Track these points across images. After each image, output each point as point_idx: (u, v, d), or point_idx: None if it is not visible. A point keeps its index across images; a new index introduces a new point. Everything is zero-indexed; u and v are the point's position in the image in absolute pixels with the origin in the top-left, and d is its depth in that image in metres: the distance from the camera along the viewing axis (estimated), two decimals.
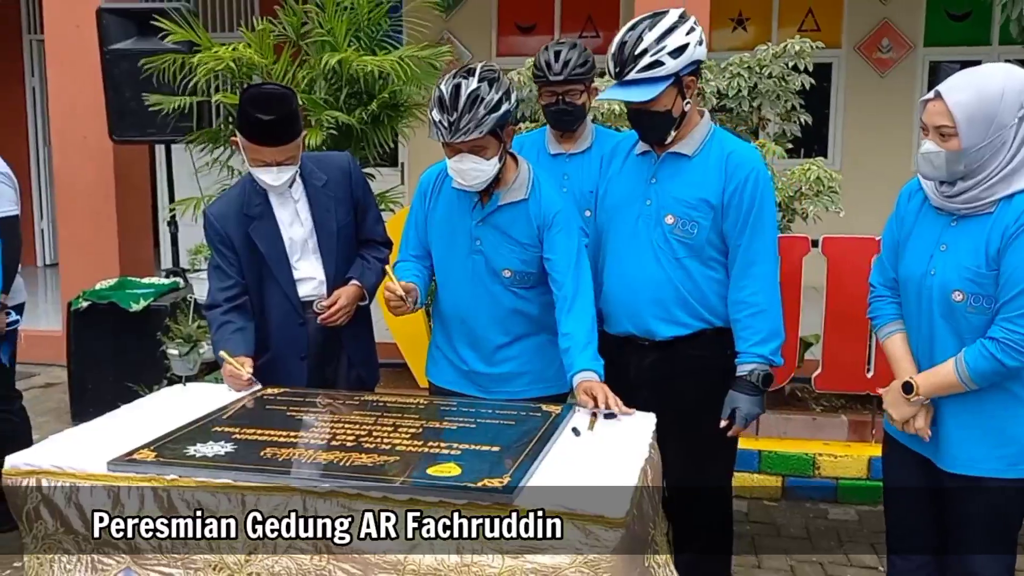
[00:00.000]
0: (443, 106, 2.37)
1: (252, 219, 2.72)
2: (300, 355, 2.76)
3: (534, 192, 2.55)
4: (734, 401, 2.48)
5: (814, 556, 3.59)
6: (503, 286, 2.57)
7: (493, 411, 2.33)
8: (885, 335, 2.40)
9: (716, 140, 2.52)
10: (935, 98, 2.14)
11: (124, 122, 5.33)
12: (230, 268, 2.74)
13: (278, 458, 1.97)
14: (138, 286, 5.27)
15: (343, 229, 2.80)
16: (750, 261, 2.47)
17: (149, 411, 2.37)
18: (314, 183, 2.76)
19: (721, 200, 2.45)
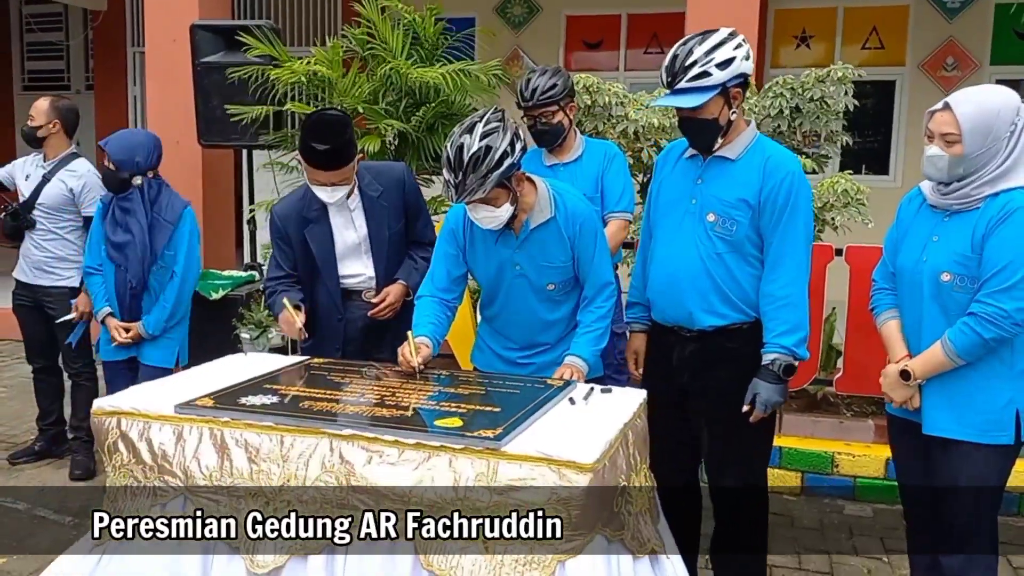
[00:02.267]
0: (449, 166, 2.56)
1: (309, 222, 3.15)
2: (336, 346, 3.19)
3: (559, 208, 2.77)
4: (756, 388, 2.66)
5: (823, 546, 3.80)
6: (547, 299, 2.84)
7: (504, 381, 2.66)
8: (882, 321, 2.74)
9: (759, 145, 2.70)
10: (943, 109, 2.48)
11: (211, 128, 5.84)
12: (285, 262, 3.19)
13: (313, 408, 2.34)
14: (218, 277, 5.76)
15: (394, 235, 3.20)
16: (780, 257, 2.65)
17: (214, 372, 2.77)
18: (370, 194, 3.16)
19: (758, 199, 2.63)
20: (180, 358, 4.03)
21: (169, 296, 3.88)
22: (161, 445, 2.34)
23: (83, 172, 4.42)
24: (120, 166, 3.80)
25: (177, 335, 4.01)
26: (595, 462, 2.04)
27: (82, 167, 4.45)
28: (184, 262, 3.89)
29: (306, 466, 2.21)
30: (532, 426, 2.25)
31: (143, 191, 3.84)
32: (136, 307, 3.92)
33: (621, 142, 4.79)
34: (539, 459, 2.06)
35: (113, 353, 3.97)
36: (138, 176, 3.83)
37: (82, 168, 4.45)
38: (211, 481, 2.28)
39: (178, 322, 3.98)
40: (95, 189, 4.34)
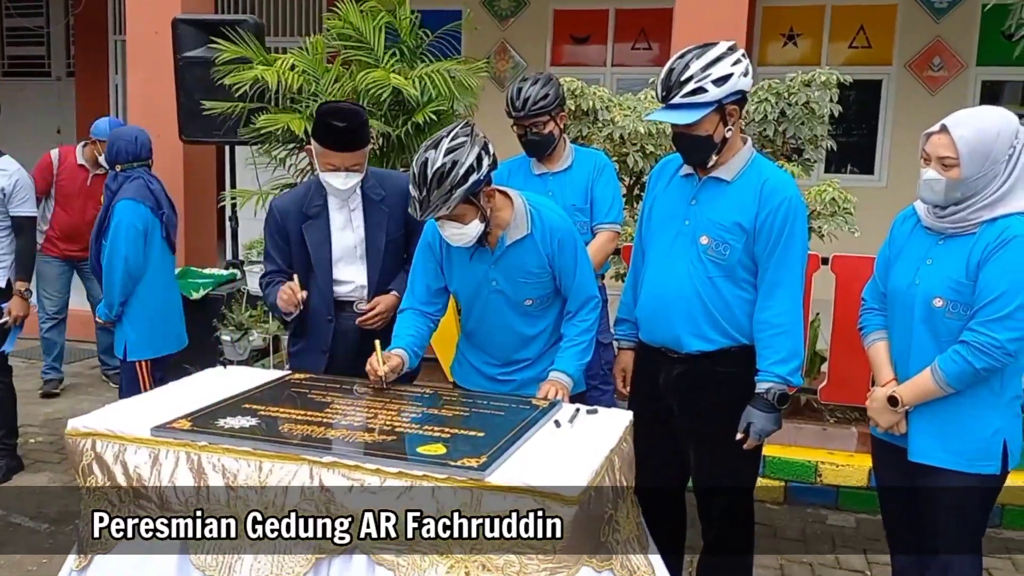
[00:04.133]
0: (414, 182, 2.51)
1: (309, 218, 3.08)
2: (323, 348, 3.11)
3: (535, 223, 2.71)
4: (749, 416, 2.61)
5: (805, 557, 3.80)
6: (524, 315, 2.79)
7: (488, 402, 2.62)
8: (870, 342, 2.70)
9: (755, 167, 2.64)
10: (941, 131, 2.43)
11: (192, 124, 5.75)
12: (280, 258, 3.12)
13: (293, 432, 2.29)
14: (199, 276, 5.69)
15: (391, 243, 3.12)
16: (776, 283, 2.60)
17: (192, 388, 2.72)
18: (372, 197, 3.10)
19: (754, 224, 2.58)
20: (128, 352, 3.99)
21: (104, 287, 3.96)
22: (136, 468, 2.29)
23: (13, 171, 4.34)
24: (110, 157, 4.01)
25: (125, 328, 3.98)
26: (580, 494, 2.01)
27: (11, 166, 4.36)
28: (108, 252, 3.91)
29: (285, 493, 2.17)
30: (517, 452, 2.22)
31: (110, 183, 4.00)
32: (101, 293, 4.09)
33: (607, 147, 4.76)
34: (523, 490, 2.02)
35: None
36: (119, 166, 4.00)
37: (11, 167, 4.36)
38: (186, 507, 2.23)
39: (120, 316, 3.96)
40: (26, 188, 4.33)
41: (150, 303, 4.02)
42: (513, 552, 2.00)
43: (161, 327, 4.07)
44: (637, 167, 4.73)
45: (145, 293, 3.99)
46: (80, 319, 6.43)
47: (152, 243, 3.98)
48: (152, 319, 4.03)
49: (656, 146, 4.66)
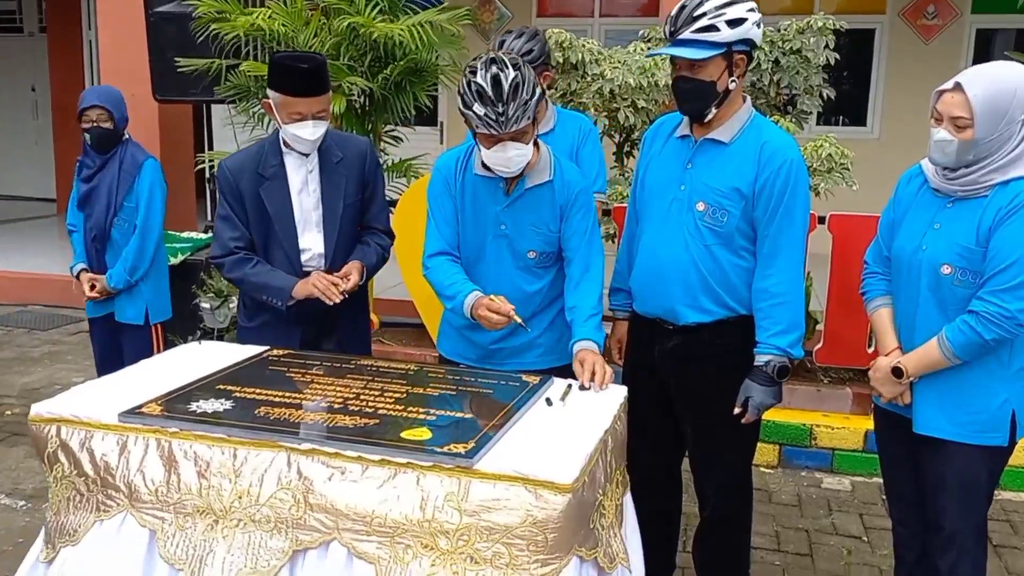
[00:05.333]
0: (486, 99, 2.41)
1: (265, 179, 2.87)
2: (295, 320, 2.90)
3: (557, 172, 2.63)
4: (748, 390, 2.51)
5: (800, 522, 3.74)
6: (525, 268, 2.67)
7: (475, 379, 2.51)
8: (873, 308, 2.57)
9: (754, 128, 2.52)
10: (954, 90, 2.28)
11: (166, 82, 5.54)
12: (239, 220, 2.88)
13: (270, 417, 2.17)
14: (177, 240, 5.51)
15: (348, 208, 2.93)
16: (776, 251, 2.48)
17: (164, 367, 2.58)
18: (330, 158, 2.91)
19: (752, 189, 2.46)
20: (150, 315, 3.94)
21: (130, 249, 3.84)
22: (104, 456, 2.17)
23: None
24: (120, 123, 3.83)
25: (146, 291, 3.91)
26: (574, 481, 1.90)
27: None
28: (144, 214, 3.83)
29: (260, 482, 2.06)
30: (506, 435, 2.11)
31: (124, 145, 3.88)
32: (102, 260, 3.91)
33: (596, 102, 4.61)
34: (514, 478, 1.91)
35: (92, 309, 3.96)
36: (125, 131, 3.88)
37: None
38: (156, 497, 2.12)
39: (144, 277, 3.89)
40: None
41: (164, 264, 4.07)
42: (503, 543, 1.90)
43: (167, 289, 4.08)
44: (628, 122, 4.58)
45: (161, 254, 4.03)
46: (59, 285, 6.27)
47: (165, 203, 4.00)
48: (166, 280, 4.06)
49: (648, 100, 4.51)
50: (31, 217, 9.76)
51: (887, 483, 2.69)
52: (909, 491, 2.59)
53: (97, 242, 3.88)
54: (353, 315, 2.98)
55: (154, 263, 3.91)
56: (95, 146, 3.82)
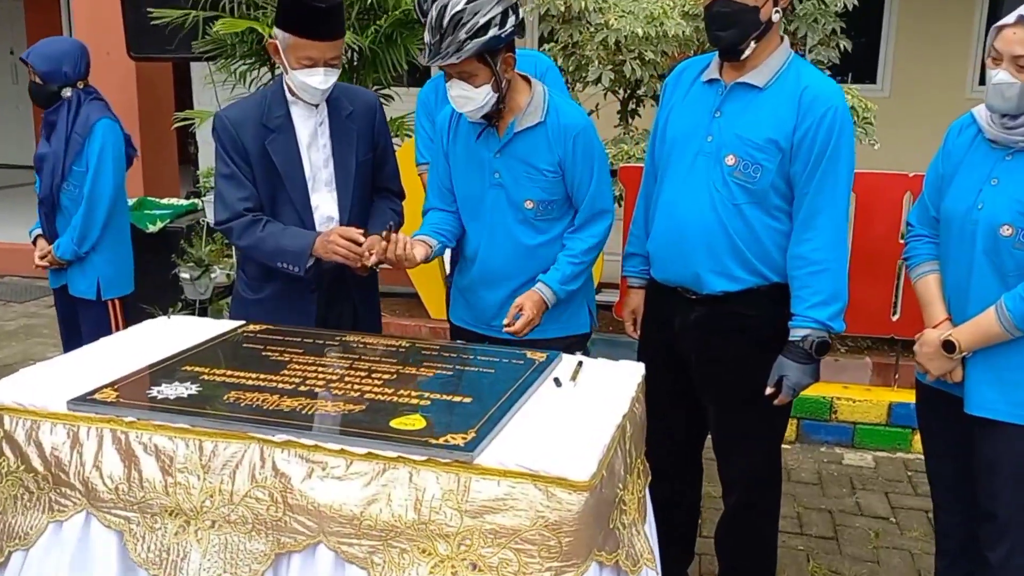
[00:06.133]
0: (429, 27, 2.27)
1: (271, 131, 2.53)
2: (311, 287, 2.59)
3: (551, 114, 2.40)
4: (782, 368, 2.25)
5: (823, 502, 3.50)
6: (524, 221, 2.45)
7: (475, 356, 2.24)
8: (918, 275, 2.29)
9: (792, 71, 2.23)
10: (1016, 24, 2.00)
11: (141, 39, 5.24)
12: (245, 177, 2.53)
13: (240, 403, 1.90)
14: (156, 206, 5.24)
15: (361, 166, 2.62)
16: (815, 212, 2.20)
17: (123, 346, 2.31)
18: (339, 111, 2.59)
19: (791, 141, 2.18)
20: (103, 290, 3.62)
21: (77, 218, 3.51)
22: (54, 450, 1.90)
23: None
24: (47, 78, 3.48)
25: (99, 263, 3.59)
26: (591, 478, 1.64)
27: None
28: (92, 180, 3.48)
29: (232, 478, 1.80)
30: (511, 423, 1.85)
31: (70, 104, 3.49)
32: (53, 228, 3.62)
33: (600, 54, 4.29)
34: (521, 475, 1.65)
35: (52, 279, 3.71)
36: (67, 88, 3.49)
37: None
38: (117, 495, 1.86)
39: (96, 249, 3.56)
40: None
41: (122, 234, 3.71)
42: (510, 549, 1.64)
43: (129, 261, 3.76)
44: (634, 76, 4.27)
45: (119, 223, 3.67)
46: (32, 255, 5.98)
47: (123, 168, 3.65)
48: (125, 252, 3.72)
49: (656, 52, 4.19)
50: (10, 185, 9.43)
51: (929, 465, 2.44)
52: (956, 476, 2.34)
53: (45, 207, 3.58)
54: (365, 283, 2.69)
55: (107, 233, 3.57)
56: (34, 101, 3.55)
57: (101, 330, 3.55)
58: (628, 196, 4.16)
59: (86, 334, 3.58)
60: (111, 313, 3.68)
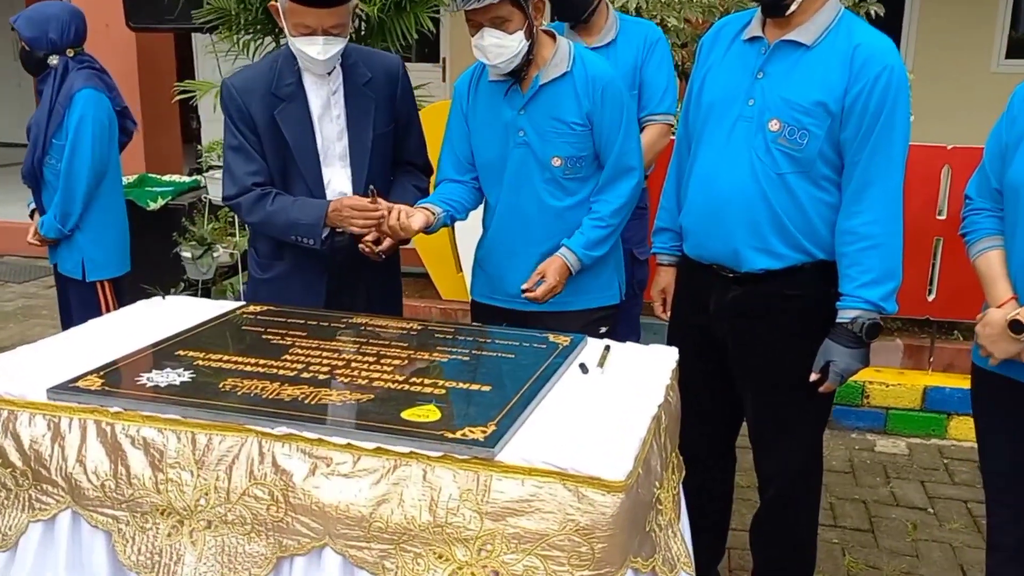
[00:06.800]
0: None
1: (280, 100, 2.35)
2: (319, 270, 2.43)
3: (577, 64, 2.27)
4: (829, 353, 2.07)
5: (856, 492, 3.33)
6: (552, 181, 2.30)
7: (493, 340, 2.07)
8: (978, 251, 2.07)
9: (843, 28, 2.03)
10: None
11: (140, 8, 5.05)
12: (254, 150, 2.37)
13: (237, 391, 1.73)
14: (158, 183, 5.07)
15: (379, 139, 2.43)
16: (867, 182, 2.01)
17: (114, 329, 2.15)
18: (355, 78, 2.39)
19: (842, 104, 1.99)
20: (87, 271, 3.41)
21: (57, 195, 3.31)
22: (34, 444, 1.74)
23: None
24: (33, 44, 3.28)
25: (83, 243, 3.38)
26: (627, 477, 1.47)
27: None
28: (69, 154, 3.25)
29: (228, 475, 1.63)
30: (534, 414, 1.67)
31: (56, 72, 3.28)
32: (40, 203, 3.43)
33: None
34: (548, 473, 1.48)
35: (51, 256, 3.51)
36: (54, 55, 3.27)
37: None
38: (104, 493, 1.69)
39: (80, 227, 3.35)
40: None
41: (112, 213, 3.48)
42: (536, 555, 1.48)
43: (121, 241, 3.54)
44: None
45: (107, 201, 3.44)
46: None
47: (113, 142, 3.43)
48: (115, 231, 3.50)
49: (679, 19, 3.98)
50: (11, 163, 9.24)
51: (985, 458, 2.25)
52: (1006, 468, 2.15)
53: (29, 181, 3.38)
54: (382, 268, 2.48)
55: (93, 211, 3.36)
56: (24, 69, 3.34)
57: (89, 312, 3.34)
58: None
59: (75, 316, 3.41)
60: (100, 295, 3.48)
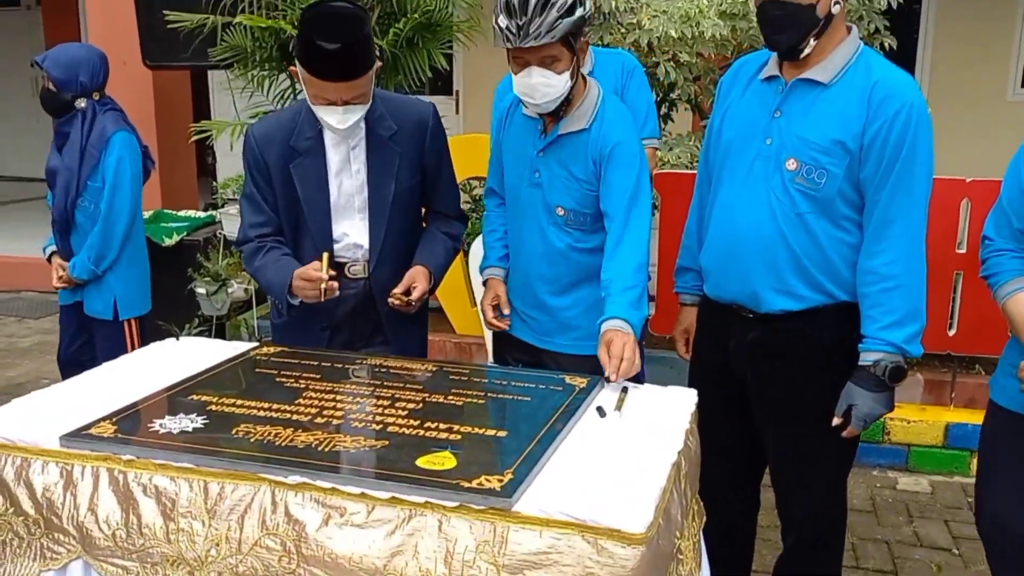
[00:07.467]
0: (511, 10, 2.09)
1: (298, 154, 2.33)
2: (322, 325, 2.40)
3: (596, 122, 2.24)
4: (851, 396, 2.03)
5: (879, 532, 3.26)
6: (556, 225, 2.29)
7: (508, 382, 2.04)
8: (1007, 294, 2.01)
9: (861, 65, 2.01)
10: None
11: (156, 46, 5.09)
12: (265, 201, 2.37)
13: (250, 438, 1.71)
14: (173, 219, 5.08)
15: (402, 194, 2.38)
16: (889, 221, 1.98)
17: (128, 372, 2.13)
18: (380, 132, 2.33)
19: (860, 142, 1.97)
20: (120, 310, 3.44)
21: (94, 236, 3.34)
22: (46, 491, 1.72)
23: None
24: (62, 86, 3.29)
25: (114, 284, 3.42)
26: (647, 529, 1.43)
27: None
28: (109, 196, 3.30)
29: (240, 525, 1.60)
30: (551, 462, 1.64)
31: (85, 115, 3.31)
32: (67, 246, 3.44)
33: None
34: (566, 524, 1.45)
35: (64, 296, 3.51)
36: (82, 98, 3.30)
37: None
38: (115, 542, 1.67)
39: (112, 268, 3.39)
40: None
41: (139, 251, 3.54)
42: None
43: (146, 279, 3.59)
44: (668, 79, 4.05)
45: (136, 240, 3.50)
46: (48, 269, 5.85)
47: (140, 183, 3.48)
48: (141, 269, 3.55)
49: (691, 54, 3.98)
50: (29, 198, 9.33)
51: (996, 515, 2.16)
52: None
53: (59, 225, 3.40)
54: (402, 319, 2.41)
55: (125, 251, 3.39)
56: (44, 108, 3.36)
57: (116, 350, 3.38)
58: (664, 203, 3.95)
59: (101, 355, 3.42)
60: (127, 333, 3.51)
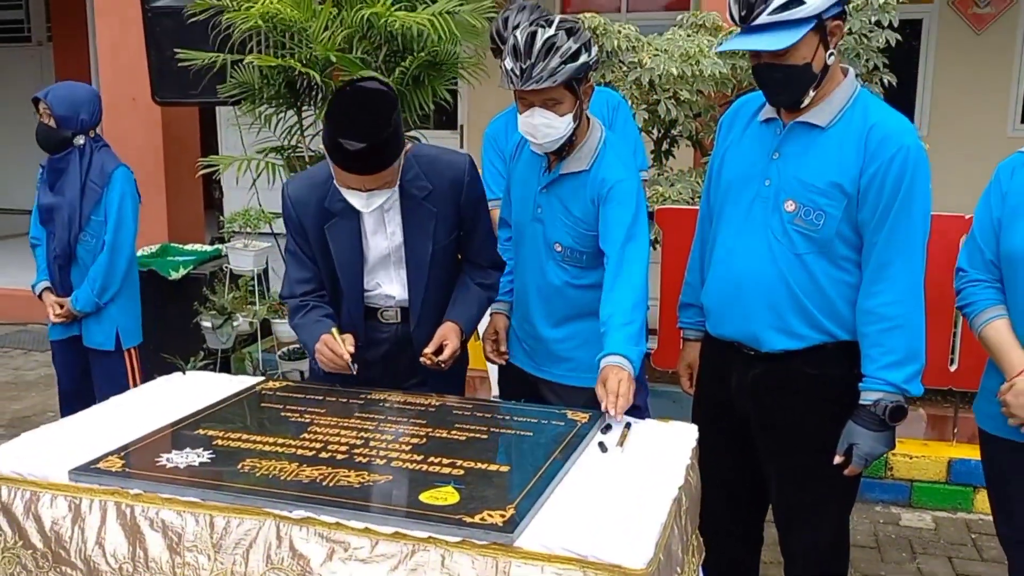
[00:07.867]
0: (516, 54, 2.18)
1: (332, 215, 2.30)
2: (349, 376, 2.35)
3: (596, 163, 2.29)
4: (852, 436, 2.04)
5: (882, 569, 3.26)
6: (554, 261, 2.36)
7: (511, 417, 2.07)
8: (983, 322, 2.06)
9: (859, 108, 2.03)
10: None
11: (166, 83, 5.14)
12: (308, 257, 2.37)
13: (255, 473, 1.73)
14: (180, 253, 5.14)
15: (439, 252, 2.35)
16: (887, 262, 1.99)
17: (135, 406, 2.16)
18: (414, 192, 2.28)
19: (857, 185, 1.99)
20: (122, 340, 3.51)
21: (98, 269, 3.42)
22: (55, 525, 1.74)
23: None
24: (63, 123, 3.41)
25: (115, 314, 3.49)
26: (647, 565, 1.45)
27: None
28: (113, 230, 3.41)
29: (245, 559, 1.62)
30: (553, 496, 1.66)
31: (82, 151, 3.43)
32: (66, 280, 3.50)
33: (634, 94, 4.14)
34: (567, 560, 1.47)
35: (57, 331, 3.56)
36: (80, 135, 3.43)
37: None
38: (121, 575, 1.69)
39: (114, 299, 3.47)
40: None
41: (135, 282, 3.63)
42: None
43: (139, 309, 3.65)
44: (669, 117, 4.11)
45: (134, 272, 3.60)
46: None
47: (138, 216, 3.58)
48: (136, 300, 3.63)
49: (691, 92, 4.04)
50: None
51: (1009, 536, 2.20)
52: None
53: (60, 260, 3.45)
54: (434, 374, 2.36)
55: (126, 283, 3.48)
56: (39, 143, 3.44)
57: (118, 380, 3.46)
58: (665, 239, 3.99)
59: (102, 386, 3.47)
60: (128, 363, 3.56)
